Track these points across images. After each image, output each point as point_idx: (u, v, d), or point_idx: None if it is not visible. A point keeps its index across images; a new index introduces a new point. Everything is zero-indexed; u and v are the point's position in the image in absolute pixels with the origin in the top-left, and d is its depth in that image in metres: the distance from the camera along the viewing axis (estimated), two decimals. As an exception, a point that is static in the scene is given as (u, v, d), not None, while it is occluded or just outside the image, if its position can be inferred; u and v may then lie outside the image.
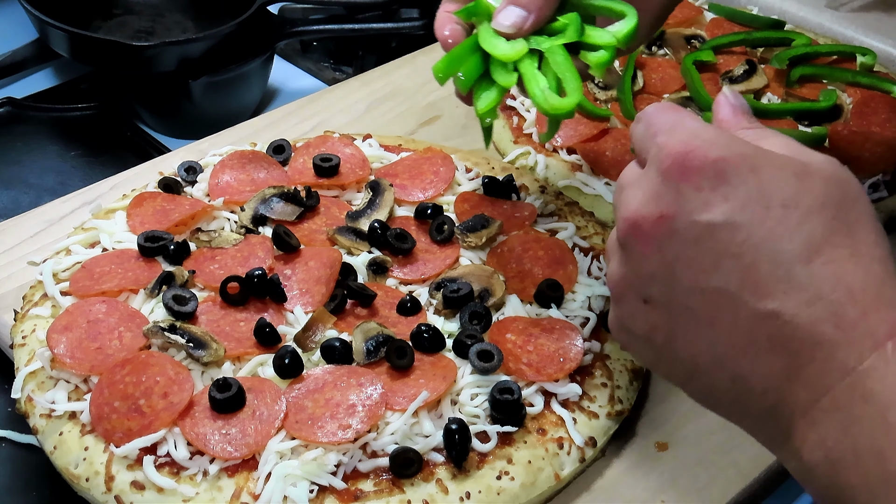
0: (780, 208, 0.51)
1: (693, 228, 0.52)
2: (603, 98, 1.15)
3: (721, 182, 0.52)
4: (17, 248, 0.98)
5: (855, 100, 1.16)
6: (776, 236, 0.51)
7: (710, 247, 0.52)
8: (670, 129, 0.55)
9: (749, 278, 0.51)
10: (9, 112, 1.28)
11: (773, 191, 0.52)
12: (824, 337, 0.49)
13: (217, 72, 1.23)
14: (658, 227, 0.54)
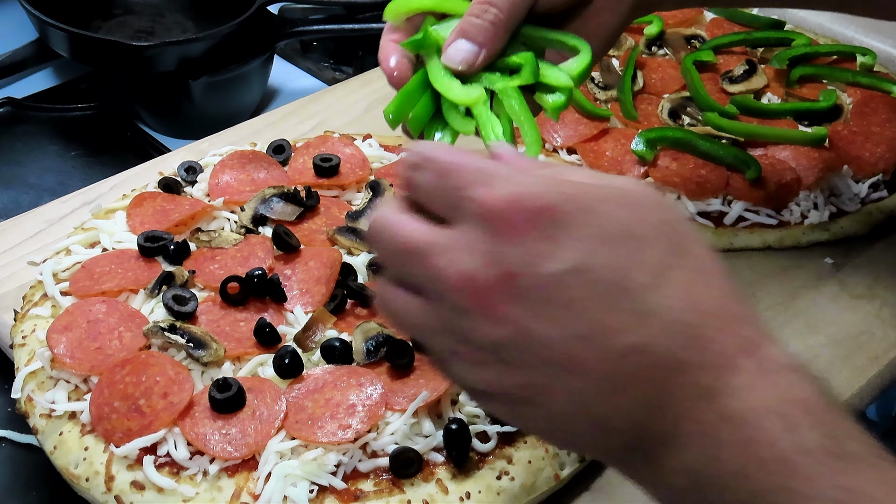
0: (622, 242, 0.50)
1: (541, 281, 0.49)
2: (603, 98, 1.15)
3: (560, 228, 0.50)
4: (17, 248, 0.98)
5: (855, 100, 1.16)
6: (624, 270, 0.50)
7: (562, 296, 0.49)
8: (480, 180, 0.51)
9: (606, 319, 0.49)
10: (9, 112, 1.28)
11: (610, 226, 0.50)
12: (681, 361, 0.49)
13: (217, 72, 1.23)
14: (504, 288, 0.50)
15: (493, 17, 0.71)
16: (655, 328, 0.49)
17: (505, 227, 0.50)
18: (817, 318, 0.94)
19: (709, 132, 1.09)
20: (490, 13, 0.71)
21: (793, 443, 0.46)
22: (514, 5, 0.72)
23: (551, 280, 0.49)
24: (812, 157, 1.06)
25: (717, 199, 1.02)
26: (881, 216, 1.04)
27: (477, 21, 0.71)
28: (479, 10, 0.71)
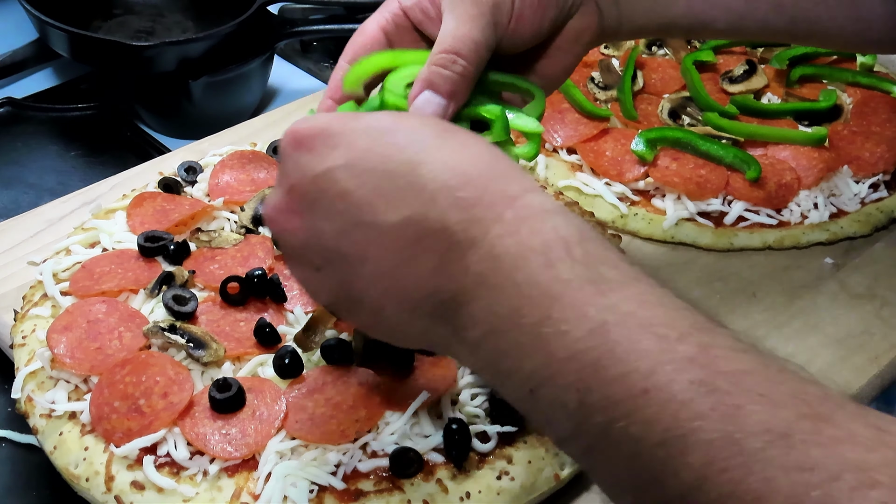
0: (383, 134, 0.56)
1: (317, 182, 0.56)
2: (603, 98, 1.15)
3: (331, 138, 0.57)
4: (17, 248, 0.98)
5: (855, 100, 1.16)
6: (388, 156, 0.55)
7: (335, 189, 0.55)
8: None
9: (375, 200, 0.54)
10: (9, 112, 1.28)
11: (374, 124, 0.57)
12: (452, 222, 0.53)
13: (217, 72, 1.23)
14: (290, 201, 0.57)
15: (462, 69, 0.71)
16: (424, 198, 0.53)
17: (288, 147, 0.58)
18: (817, 318, 0.94)
19: (709, 132, 1.09)
20: (458, 65, 0.71)
21: (553, 276, 0.50)
22: (480, 56, 0.72)
23: (323, 177, 0.55)
24: (812, 157, 1.06)
25: (717, 199, 1.02)
26: (881, 216, 1.04)
27: (445, 72, 0.70)
28: (446, 61, 0.71)
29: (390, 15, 0.78)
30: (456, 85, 0.71)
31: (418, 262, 0.54)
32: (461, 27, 0.72)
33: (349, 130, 0.57)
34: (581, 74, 1.18)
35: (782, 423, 0.45)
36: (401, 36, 0.78)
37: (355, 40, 0.79)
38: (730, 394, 0.46)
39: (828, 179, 1.05)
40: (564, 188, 1.05)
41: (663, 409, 0.46)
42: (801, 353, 0.91)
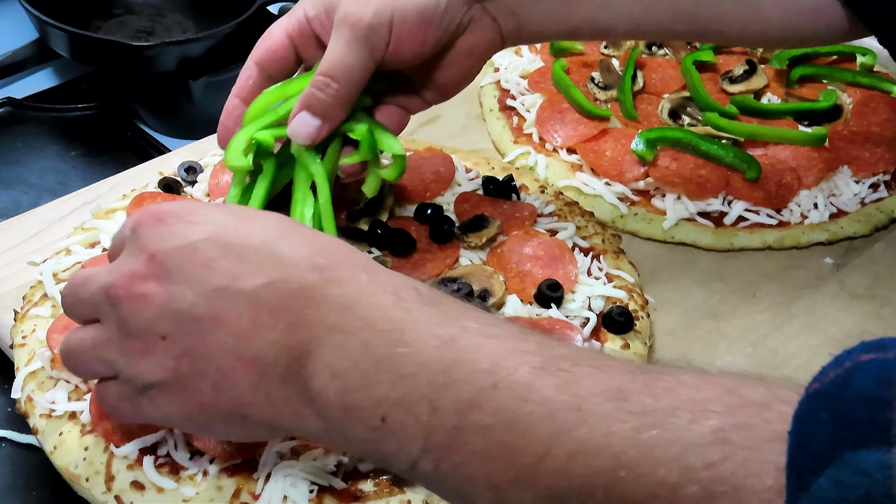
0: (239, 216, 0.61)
1: (181, 251, 0.58)
2: (603, 98, 1.15)
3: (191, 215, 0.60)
4: (17, 248, 0.98)
5: (855, 100, 1.16)
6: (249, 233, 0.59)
7: (197, 259, 0.58)
8: None
9: (236, 269, 0.57)
10: (9, 112, 1.28)
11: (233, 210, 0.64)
12: (310, 282, 0.57)
13: (217, 72, 1.23)
14: (149, 269, 0.58)
15: (334, 92, 0.75)
16: (285, 266, 0.57)
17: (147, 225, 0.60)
18: (817, 318, 0.94)
19: (709, 132, 1.09)
20: (332, 88, 0.75)
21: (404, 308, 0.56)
22: (353, 79, 0.76)
23: (186, 247, 0.58)
24: (812, 157, 1.06)
25: (717, 199, 1.02)
26: (881, 216, 1.04)
27: (319, 95, 0.75)
28: (322, 84, 0.76)
29: (296, 22, 0.80)
30: (329, 108, 0.76)
31: (275, 323, 0.56)
32: (337, 52, 0.76)
33: (209, 211, 0.62)
34: (581, 74, 1.18)
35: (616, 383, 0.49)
36: (305, 42, 0.81)
37: (263, 43, 0.81)
38: (568, 371, 0.51)
39: (828, 179, 1.05)
40: (564, 188, 1.05)
41: (511, 395, 0.50)
42: (801, 353, 0.91)
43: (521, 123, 1.14)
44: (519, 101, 1.16)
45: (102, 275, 0.61)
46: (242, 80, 0.81)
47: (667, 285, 0.97)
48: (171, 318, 0.58)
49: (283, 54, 0.81)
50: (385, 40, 0.76)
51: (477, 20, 0.81)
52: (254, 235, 0.59)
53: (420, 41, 0.77)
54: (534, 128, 1.12)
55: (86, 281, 0.62)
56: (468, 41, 0.82)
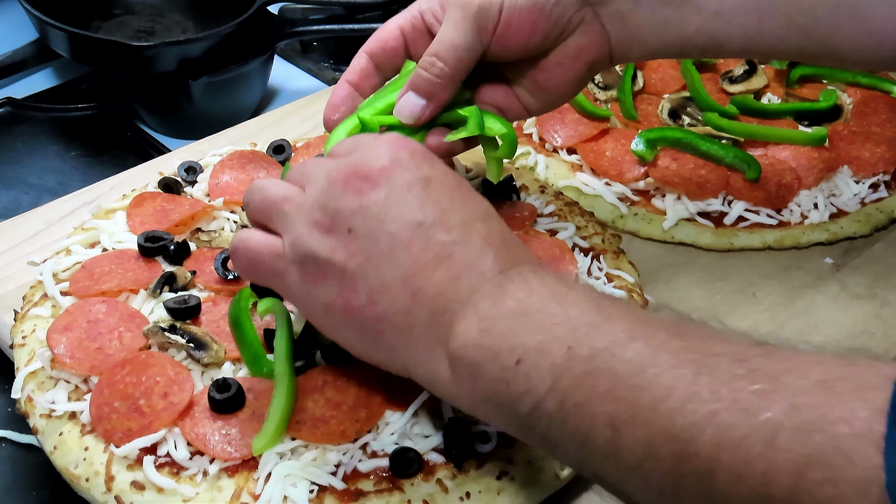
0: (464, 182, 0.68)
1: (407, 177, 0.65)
2: (603, 98, 1.15)
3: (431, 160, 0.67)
4: (17, 248, 0.98)
5: (855, 100, 1.16)
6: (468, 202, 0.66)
7: (416, 191, 0.64)
8: None
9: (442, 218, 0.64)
10: (9, 112, 1.28)
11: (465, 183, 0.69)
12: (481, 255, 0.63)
13: (217, 72, 1.23)
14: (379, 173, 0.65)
15: (439, 71, 0.78)
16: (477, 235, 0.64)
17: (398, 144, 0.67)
18: (817, 318, 0.94)
19: (709, 132, 1.09)
20: (436, 67, 0.78)
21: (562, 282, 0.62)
22: (459, 58, 0.78)
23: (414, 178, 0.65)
24: (812, 157, 1.06)
25: (717, 199, 1.02)
26: (881, 216, 1.04)
27: (424, 74, 0.79)
28: (428, 64, 0.79)
29: (410, 16, 0.83)
30: (434, 86, 0.79)
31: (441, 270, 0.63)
32: (445, 32, 0.78)
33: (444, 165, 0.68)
34: (581, 74, 1.18)
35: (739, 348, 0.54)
36: (416, 37, 0.83)
37: (376, 35, 0.84)
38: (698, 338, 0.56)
39: (828, 179, 1.05)
40: (564, 188, 1.05)
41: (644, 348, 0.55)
42: (801, 353, 0.90)
43: (521, 123, 1.14)
44: (519, 101, 1.16)
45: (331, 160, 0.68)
46: (354, 66, 0.85)
47: (667, 285, 0.97)
48: (367, 220, 0.64)
49: (393, 45, 0.84)
50: (494, 22, 0.78)
51: (587, 23, 0.82)
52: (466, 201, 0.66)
53: (529, 30, 0.79)
54: (534, 128, 1.12)
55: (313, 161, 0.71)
56: (576, 43, 0.82)
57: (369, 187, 0.64)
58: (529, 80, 0.84)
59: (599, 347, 0.56)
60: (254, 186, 0.72)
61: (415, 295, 0.63)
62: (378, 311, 0.64)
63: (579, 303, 0.59)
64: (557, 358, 0.57)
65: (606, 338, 0.56)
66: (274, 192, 0.70)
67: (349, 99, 0.84)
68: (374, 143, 0.68)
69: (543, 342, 0.58)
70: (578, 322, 0.58)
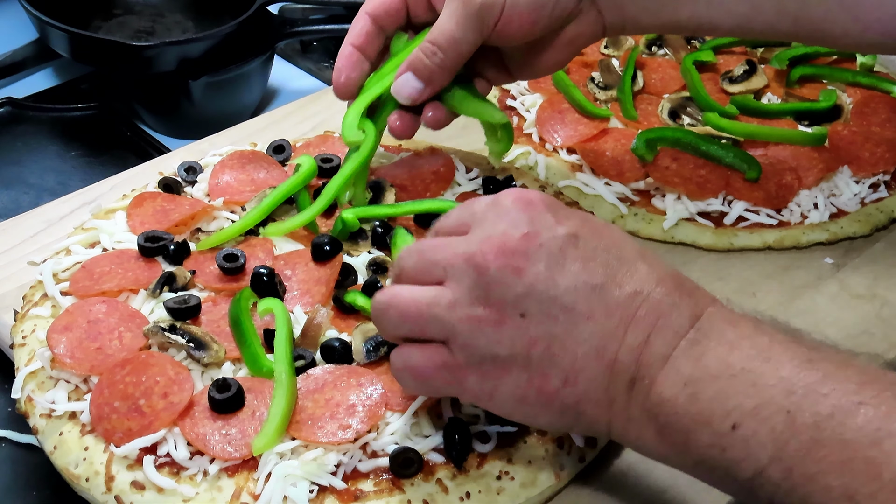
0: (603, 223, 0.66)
1: (560, 240, 0.61)
2: (603, 98, 1.15)
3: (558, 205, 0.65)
4: (17, 248, 0.98)
5: (855, 100, 1.16)
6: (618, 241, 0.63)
7: (574, 252, 0.61)
8: None
9: (612, 272, 0.61)
10: (9, 112, 1.28)
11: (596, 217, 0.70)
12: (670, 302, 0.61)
13: (217, 72, 1.23)
14: (526, 243, 0.61)
15: (440, 61, 0.82)
16: (650, 279, 0.61)
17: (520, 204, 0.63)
18: (817, 318, 0.94)
19: (709, 132, 1.09)
20: (437, 56, 0.82)
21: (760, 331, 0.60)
22: (459, 52, 0.82)
23: (566, 239, 0.61)
24: (812, 157, 1.06)
25: (717, 199, 1.02)
26: (881, 216, 1.04)
27: (425, 60, 0.82)
28: (429, 51, 0.82)
29: None
30: (433, 74, 0.82)
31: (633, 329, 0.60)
32: (446, 25, 0.81)
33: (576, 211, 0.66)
34: (581, 74, 1.18)
35: None
36: (416, 2, 0.87)
37: None
38: None
39: (828, 179, 1.05)
40: (564, 188, 1.05)
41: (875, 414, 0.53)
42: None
43: (521, 123, 1.14)
44: (519, 101, 1.16)
45: (462, 243, 0.63)
46: (356, 28, 0.87)
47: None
48: (539, 299, 0.60)
49: (396, 9, 0.87)
50: (494, 20, 0.81)
51: (585, 12, 0.85)
52: (620, 244, 0.63)
53: (528, 27, 0.82)
54: (534, 128, 1.12)
55: (441, 246, 0.64)
56: (572, 31, 0.86)
57: (524, 262, 0.60)
58: (521, 57, 0.88)
59: (824, 414, 0.54)
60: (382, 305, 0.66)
61: (610, 367, 0.60)
62: (577, 392, 0.62)
63: (786, 358, 0.57)
64: (778, 424, 0.55)
65: (829, 402, 0.54)
66: (413, 300, 0.64)
67: (357, 64, 0.86)
68: (497, 208, 0.64)
69: (759, 406, 0.56)
70: (793, 383, 0.55)
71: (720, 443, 0.57)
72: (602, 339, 0.60)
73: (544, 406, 0.62)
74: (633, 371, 0.60)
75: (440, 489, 0.72)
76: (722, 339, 0.59)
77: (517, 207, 0.63)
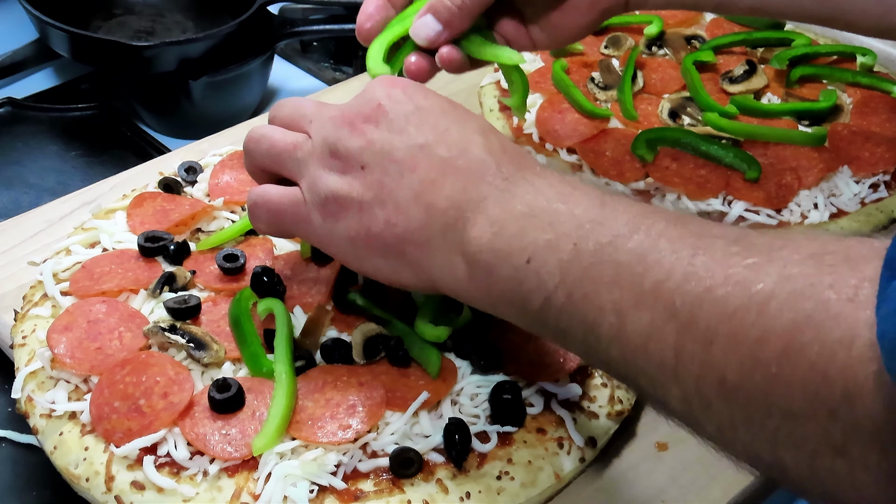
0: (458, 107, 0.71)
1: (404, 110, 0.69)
2: (603, 98, 1.15)
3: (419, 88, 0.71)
4: (17, 248, 0.98)
5: (855, 100, 1.16)
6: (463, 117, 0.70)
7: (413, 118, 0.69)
8: None
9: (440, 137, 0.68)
10: (9, 112, 1.28)
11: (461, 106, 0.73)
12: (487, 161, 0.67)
13: (217, 72, 1.23)
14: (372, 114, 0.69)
15: (461, 3, 0.83)
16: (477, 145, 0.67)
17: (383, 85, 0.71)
18: (817, 318, 0.94)
19: (709, 132, 1.09)
20: None
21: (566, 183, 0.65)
22: None
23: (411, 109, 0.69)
24: (812, 157, 1.06)
25: (717, 199, 1.02)
26: (881, 216, 1.04)
27: (446, 3, 0.83)
28: None
29: None
30: (453, 16, 0.84)
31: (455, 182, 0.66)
32: None
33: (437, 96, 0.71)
34: (581, 74, 1.18)
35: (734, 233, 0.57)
36: None
37: None
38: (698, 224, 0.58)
39: (828, 179, 1.05)
40: (564, 188, 1.05)
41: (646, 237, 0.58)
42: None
43: (522, 123, 1.14)
44: (519, 101, 1.16)
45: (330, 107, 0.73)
46: None
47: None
48: (375, 154, 0.68)
49: None
50: None
51: None
52: (462, 119, 0.69)
53: None
54: (534, 128, 1.12)
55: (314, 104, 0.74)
56: None
57: (372, 126, 0.69)
58: (543, 17, 0.89)
59: (604, 241, 0.59)
60: (256, 135, 0.75)
61: (427, 210, 0.66)
62: (397, 232, 0.67)
63: (583, 201, 0.62)
64: (565, 254, 0.60)
65: (610, 232, 0.59)
66: (282, 141, 0.73)
67: (382, 9, 0.87)
68: (369, 85, 0.72)
69: (551, 240, 0.61)
70: (583, 219, 0.61)
71: (517, 276, 0.62)
72: (421, 186, 0.66)
73: (370, 247, 0.69)
74: (447, 215, 0.66)
75: (440, 489, 0.72)
76: (530, 187, 0.64)
77: (383, 86, 0.71)
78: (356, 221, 0.69)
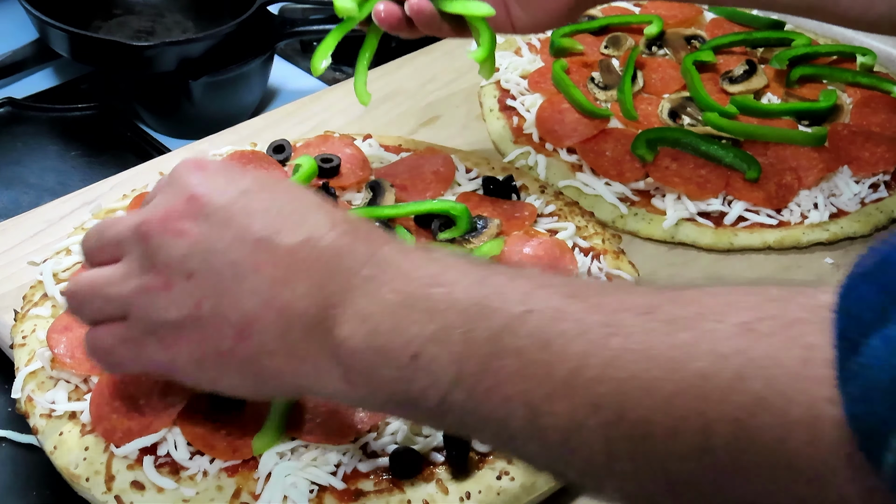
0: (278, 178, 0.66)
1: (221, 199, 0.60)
2: (603, 98, 1.15)
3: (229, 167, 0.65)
4: (17, 248, 0.98)
5: (855, 100, 1.16)
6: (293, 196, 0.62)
7: (239, 207, 0.60)
8: None
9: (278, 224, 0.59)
10: (9, 112, 1.28)
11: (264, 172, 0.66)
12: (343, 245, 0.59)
13: (217, 72, 1.22)
14: (189, 208, 0.60)
15: None
16: (321, 227, 0.59)
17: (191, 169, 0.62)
18: (817, 318, 0.94)
19: (709, 132, 1.09)
20: None
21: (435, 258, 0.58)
22: None
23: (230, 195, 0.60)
24: (812, 157, 1.06)
25: (717, 199, 1.02)
26: (881, 216, 1.04)
27: None
28: None
29: None
30: None
31: (308, 276, 0.58)
32: None
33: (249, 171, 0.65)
34: (581, 74, 1.18)
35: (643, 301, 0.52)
36: None
37: None
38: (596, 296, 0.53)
39: (828, 179, 1.05)
40: (564, 188, 1.05)
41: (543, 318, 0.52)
42: (801, 353, 0.90)
43: (521, 123, 1.14)
44: (519, 101, 1.16)
45: (133, 216, 0.62)
46: None
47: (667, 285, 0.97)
48: (203, 257, 0.59)
49: None
50: None
51: None
52: (294, 197, 0.61)
53: None
54: (534, 128, 1.12)
55: (115, 223, 0.64)
56: None
57: (189, 224, 0.59)
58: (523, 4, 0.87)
59: (496, 328, 0.52)
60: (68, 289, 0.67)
61: (282, 315, 0.58)
62: (252, 346, 0.59)
63: (460, 280, 0.56)
64: (455, 346, 0.53)
65: (500, 316, 0.53)
66: (90, 284, 0.64)
67: None
68: (171, 177, 0.63)
69: (436, 332, 0.54)
70: (465, 303, 0.54)
71: (403, 375, 0.55)
72: (270, 288, 0.58)
73: (224, 366, 0.60)
74: (310, 316, 0.57)
75: (440, 489, 0.72)
76: (397, 272, 0.57)
77: (188, 172, 0.62)
78: (198, 343, 0.60)
